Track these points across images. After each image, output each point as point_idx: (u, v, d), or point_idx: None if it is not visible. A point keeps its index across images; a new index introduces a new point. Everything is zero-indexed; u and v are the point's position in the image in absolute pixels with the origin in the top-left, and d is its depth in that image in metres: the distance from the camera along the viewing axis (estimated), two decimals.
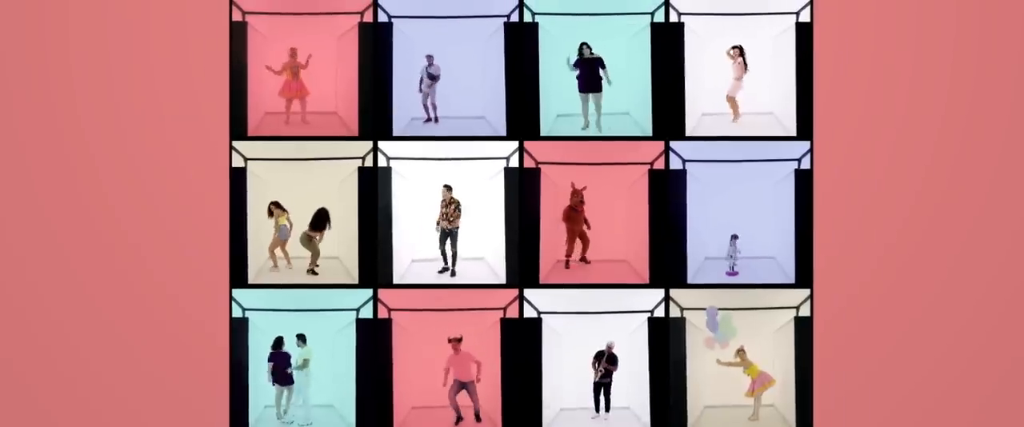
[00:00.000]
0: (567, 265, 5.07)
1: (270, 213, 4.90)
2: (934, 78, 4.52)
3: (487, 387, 4.89)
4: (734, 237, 4.93)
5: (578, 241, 5.08)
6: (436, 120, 5.00)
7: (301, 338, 4.88)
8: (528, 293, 4.84)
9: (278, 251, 4.98)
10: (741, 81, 4.94)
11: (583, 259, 5.08)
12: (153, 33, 4.51)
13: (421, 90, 4.97)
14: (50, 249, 4.56)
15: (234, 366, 4.68)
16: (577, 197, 4.98)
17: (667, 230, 4.83)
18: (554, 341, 4.91)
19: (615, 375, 4.95)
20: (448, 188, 4.99)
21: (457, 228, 5.01)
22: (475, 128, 4.93)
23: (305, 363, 4.85)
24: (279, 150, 4.81)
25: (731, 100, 4.99)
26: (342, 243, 4.96)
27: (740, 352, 4.88)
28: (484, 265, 5.07)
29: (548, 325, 4.88)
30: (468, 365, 4.84)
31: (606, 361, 4.91)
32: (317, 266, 4.99)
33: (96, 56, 4.53)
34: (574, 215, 5.02)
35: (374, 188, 4.80)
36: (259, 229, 4.91)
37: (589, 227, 5.01)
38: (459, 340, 4.85)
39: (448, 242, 5.03)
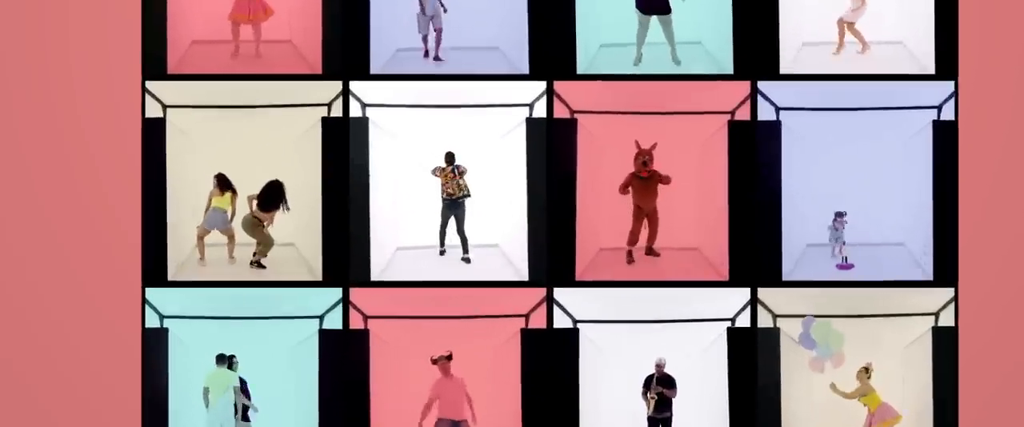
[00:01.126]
0: (630, 258, 4.62)
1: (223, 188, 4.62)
2: None
3: (505, 421, 4.47)
4: (839, 214, 4.56)
5: (646, 223, 4.66)
6: (437, 58, 4.62)
7: (226, 359, 4.41)
8: (559, 294, 4.46)
9: (214, 238, 4.56)
10: (864, 1, 4.62)
11: (650, 250, 4.67)
12: None
13: (424, 13, 4.57)
14: None
15: (148, 391, 4.30)
16: (642, 158, 4.48)
17: (753, 206, 4.45)
18: (595, 360, 4.58)
19: (675, 404, 4.52)
20: (450, 158, 4.63)
21: (464, 197, 4.64)
22: (486, 64, 4.55)
23: (206, 392, 4.37)
24: (210, 94, 4.41)
25: (849, 26, 4.62)
26: (299, 225, 4.62)
27: (864, 372, 4.40)
28: (498, 254, 4.77)
29: (586, 338, 4.53)
30: (461, 397, 4.42)
31: (657, 384, 4.50)
32: (263, 256, 4.64)
33: None
34: (640, 185, 4.52)
35: (345, 147, 4.42)
36: (182, 205, 4.52)
37: (667, 181, 4.47)
38: (448, 359, 4.39)
39: (452, 219, 4.72)
